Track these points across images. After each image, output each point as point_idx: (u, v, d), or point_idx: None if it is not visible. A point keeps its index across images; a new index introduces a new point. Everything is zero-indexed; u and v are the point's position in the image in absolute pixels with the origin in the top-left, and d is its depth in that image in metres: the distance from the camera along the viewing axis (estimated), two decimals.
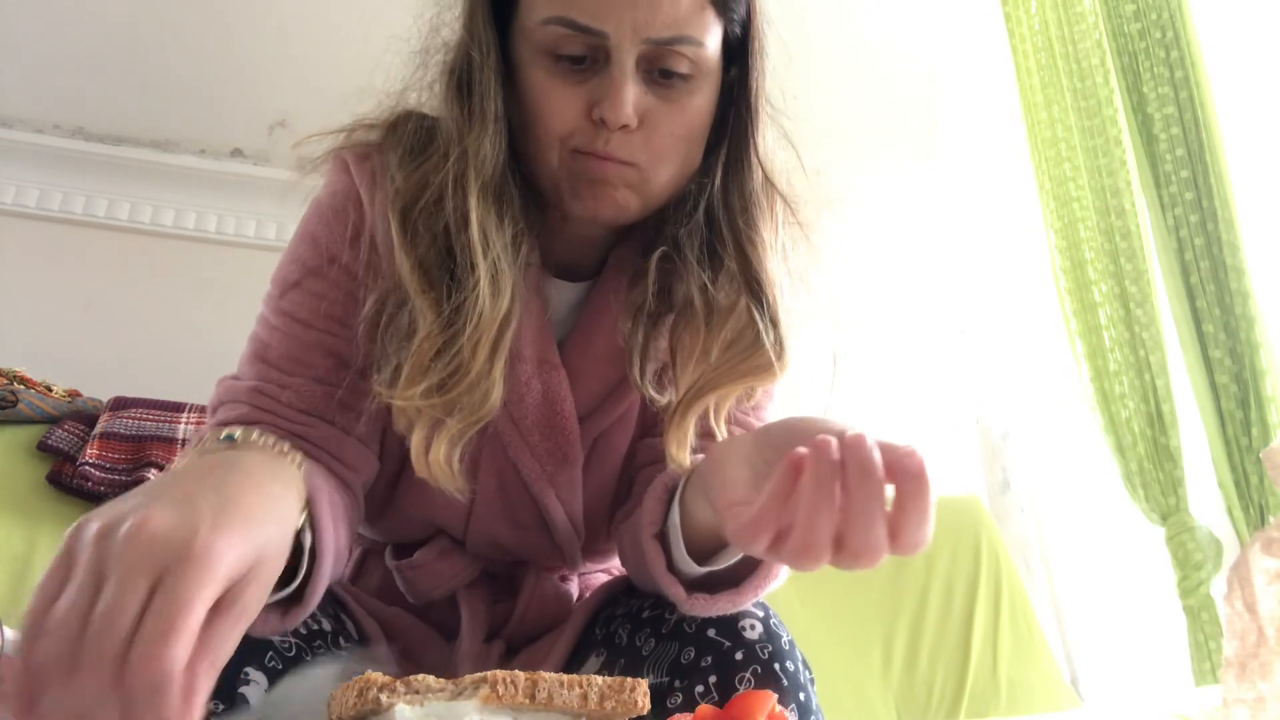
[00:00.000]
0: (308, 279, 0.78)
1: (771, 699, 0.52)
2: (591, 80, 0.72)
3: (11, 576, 1.42)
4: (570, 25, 0.69)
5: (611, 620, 0.81)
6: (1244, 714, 0.50)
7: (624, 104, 0.70)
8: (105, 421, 1.60)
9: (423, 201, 0.74)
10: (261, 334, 0.78)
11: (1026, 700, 1.76)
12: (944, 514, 2.34)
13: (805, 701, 0.70)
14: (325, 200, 0.80)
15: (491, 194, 0.74)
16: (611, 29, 0.69)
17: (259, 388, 0.75)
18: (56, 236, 2.04)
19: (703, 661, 0.70)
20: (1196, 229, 1.58)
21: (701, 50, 0.72)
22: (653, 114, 0.73)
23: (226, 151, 2.17)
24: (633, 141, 0.73)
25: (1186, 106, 1.61)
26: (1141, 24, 1.68)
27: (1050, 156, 1.86)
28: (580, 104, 0.72)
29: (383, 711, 0.44)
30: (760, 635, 0.71)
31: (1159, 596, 1.69)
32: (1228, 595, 0.53)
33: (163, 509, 0.47)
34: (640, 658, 0.74)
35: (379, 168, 0.78)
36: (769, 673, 0.68)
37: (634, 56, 0.70)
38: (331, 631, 0.74)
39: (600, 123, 0.71)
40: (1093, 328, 1.76)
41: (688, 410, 0.75)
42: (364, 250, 0.77)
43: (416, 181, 0.75)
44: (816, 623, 1.80)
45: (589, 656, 0.80)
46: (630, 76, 0.70)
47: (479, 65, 0.74)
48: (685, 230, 0.79)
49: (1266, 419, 1.51)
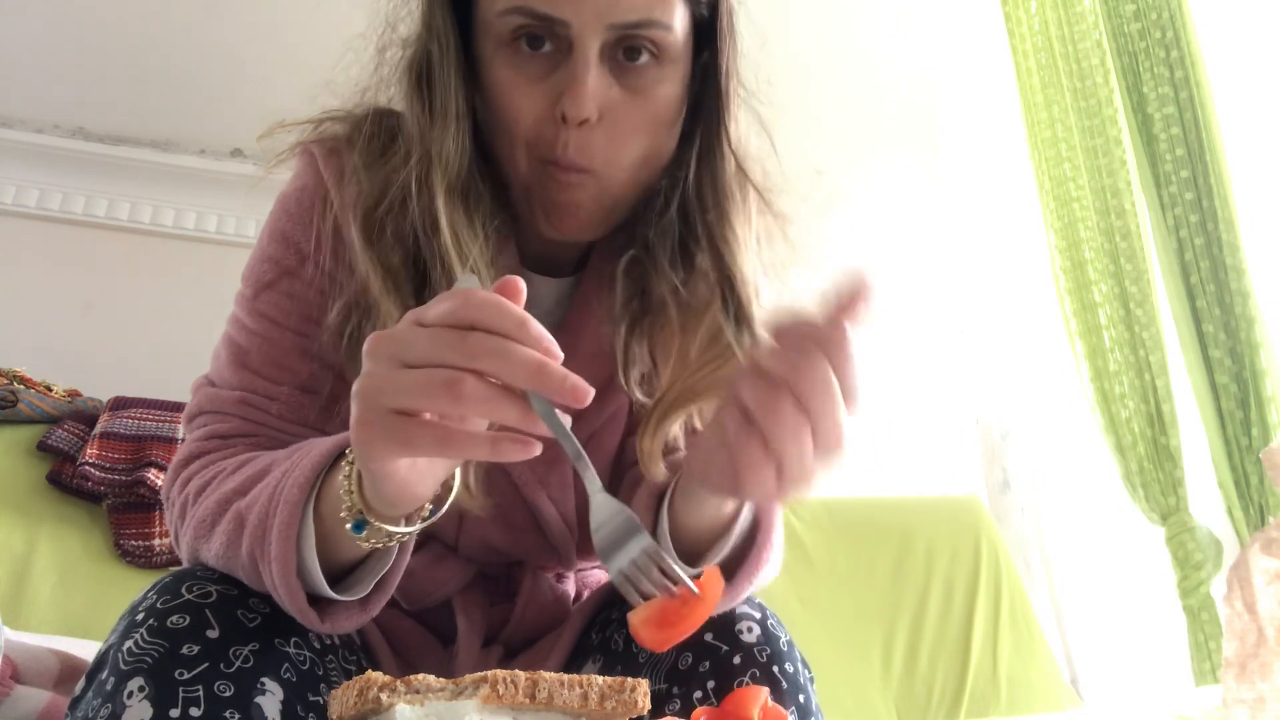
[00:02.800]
0: (282, 279, 0.76)
1: (763, 694, 0.53)
2: (555, 73, 0.69)
3: (11, 576, 1.42)
4: (530, 14, 0.67)
5: (608, 625, 0.79)
6: (1244, 714, 0.50)
7: (585, 98, 0.67)
8: (105, 421, 1.60)
9: (386, 204, 0.72)
10: (238, 338, 0.77)
11: (1026, 700, 1.76)
12: (944, 514, 2.34)
13: (805, 703, 0.69)
14: (293, 196, 0.78)
15: (459, 194, 0.72)
16: (573, 15, 0.66)
17: (246, 399, 0.74)
18: (56, 236, 2.04)
19: (700, 667, 0.69)
20: (1196, 229, 1.58)
21: (668, 34, 0.69)
22: (617, 107, 0.70)
23: (226, 151, 2.17)
24: (593, 139, 0.70)
25: (1186, 106, 1.61)
26: (1141, 24, 1.68)
27: (1050, 156, 1.86)
28: (544, 102, 0.70)
29: (383, 711, 0.44)
30: (758, 638, 0.70)
31: (1159, 596, 1.69)
32: (1228, 595, 0.53)
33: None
34: (638, 664, 0.73)
35: (347, 163, 0.76)
36: (767, 675, 0.68)
37: (598, 44, 0.68)
38: (340, 645, 0.74)
39: (563, 119, 0.69)
40: (1093, 328, 1.76)
41: (666, 415, 0.74)
42: (335, 246, 0.75)
43: (380, 183, 0.73)
44: (816, 623, 1.80)
45: (586, 662, 0.79)
46: (593, 66, 0.68)
47: (439, 60, 0.72)
48: (658, 229, 0.77)
49: (1266, 419, 1.51)
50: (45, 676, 0.93)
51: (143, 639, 0.59)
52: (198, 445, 0.72)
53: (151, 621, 0.60)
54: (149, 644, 0.59)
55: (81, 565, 1.49)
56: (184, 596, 0.62)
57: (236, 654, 0.60)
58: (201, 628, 0.60)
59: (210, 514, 0.65)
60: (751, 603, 0.73)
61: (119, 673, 0.58)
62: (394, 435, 0.50)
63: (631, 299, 0.78)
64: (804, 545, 1.92)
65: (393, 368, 0.50)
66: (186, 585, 0.63)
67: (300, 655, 0.65)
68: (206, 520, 0.66)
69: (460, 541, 0.83)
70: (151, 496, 1.54)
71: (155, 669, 0.57)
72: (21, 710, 0.86)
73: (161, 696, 0.56)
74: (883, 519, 2.02)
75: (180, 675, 0.57)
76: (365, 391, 0.51)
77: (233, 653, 0.60)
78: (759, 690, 0.53)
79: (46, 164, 2.06)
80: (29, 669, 0.92)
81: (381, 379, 0.50)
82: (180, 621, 0.60)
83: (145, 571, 1.52)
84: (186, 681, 0.57)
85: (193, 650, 0.59)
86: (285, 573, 0.60)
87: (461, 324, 0.49)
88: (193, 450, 0.72)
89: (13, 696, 0.86)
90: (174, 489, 0.71)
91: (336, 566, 0.64)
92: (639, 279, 0.78)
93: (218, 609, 0.62)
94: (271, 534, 0.60)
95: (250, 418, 0.73)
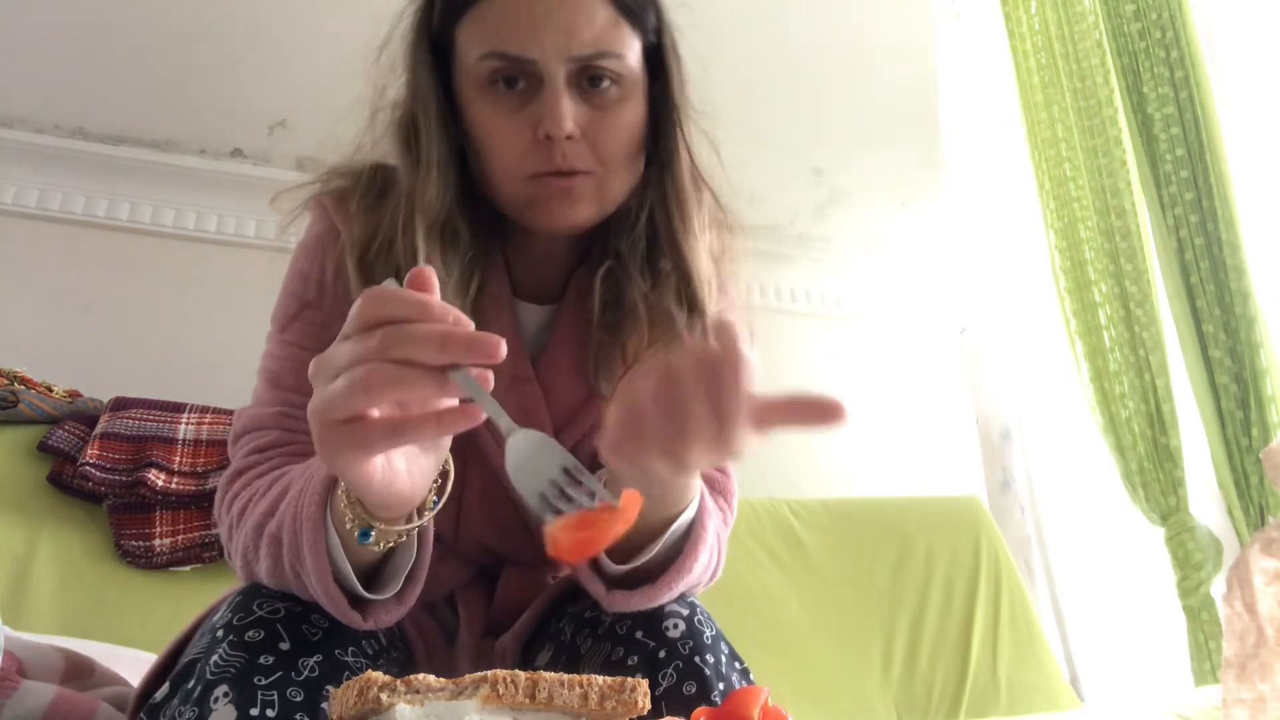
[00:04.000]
0: (305, 311, 0.85)
1: (763, 694, 0.54)
2: (530, 105, 0.80)
3: (11, 576, 1.42)
4: (502, 56, 0.79)
5: (562, 617, 0.86)
6: (1244, 714, 0.50)
7: (562, 117, 0.78)
8: (105, 422, 1.60)
9: (376, 245, 0.82)
10: (270, 366, 0.84)
11: (1026, 700, 1.77)
12: (944, 514, 2.34)
13: (728, 691, 0.73)
14: (310, 240, 0.88)
15: (439, 233, 0.82)
16: (538, 54, 0.78)
17: (282, 411, 0.80)
18: (56, 236, 2.04)
19: (629, 660, 0.75)
20: (1196, 229, 1.58)
21: (622, 61, 0.81)
22: (591, 124, 0.81)
23: (226, 151, 2.17)
24: (582, 150, 0.80)
25: (1186, 106, 1.61)
26: (1141, 24, 1.68)
27: (1050, 156, 1.86)
28: (526, 130, 0.80)
29: (383, 711, 0.44)
30: (682, 633, 0.75)
31: (1159, 596, 1.69)
32: (1227, 595, 0.53)
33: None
34: (579, 656, 0.80)
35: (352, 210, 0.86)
36: (690, 667, 0.73)
37: (563, 74, 0.79)
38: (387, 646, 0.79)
39: (547, 139, 0.79)
40: (1093, 328, 1.76)
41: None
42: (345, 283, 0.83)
43: (370, 227, 0.83)
44: (816, 623, 1.80)
45: (540, 650, 0.85)
46: (563, 92, 0.79)
47: (423, 117, 0.83)
48: (628, 241, 0.87)
49: (1266, 419, 1.51)
50: (51, 672, 0.93)
51: (225, 653, 0.66)
52: (241, 462, 0.78)
53: (232, 637, 0.68)
54: (231, 656, 0.66)
55: (82, 565, 1.49)
56: (256, 613, 0.70)
57: (304, 664, 0.68)
58: (275, 641, 0.68)
59: (250, 540, 0.72)
60: (683, 601, 0.79)
61: (205, 682, 0.65)
62: (349, 442, 0.54)
63: (606, 307, 0.87)
64: (804, 545, 1.92)
65: (328, 383, 0.54)
66: (257, 603, 0.71)
67: (358, 663, 0.72)
68: (250, 546, 0.72)
69: (458, 539, 0.89)
70: (151, 497, 1.54)
71: (237, 678, 0.65)
72: (30, 704, 0.86)
73: (243, 700, 0.64)
74: (883, 519, 2.02)
75: (259, 682, 0.65)
76: (313, 413, 0.55)
77: (301, 663, 0.68)
78: (758, 691, 0.53)
79: (46, 164, 2.06)
80: (34, 665, 0.92)
81: (321, 397, 0.54)
82: (256, 636, 0.68)
83: (145, 572, 1.52)
84: (264, 687, 0.65)
85: (268, 661, 0.67)
86: (325, 582, 0.66)
87: (369, 323, 0.53)
88: (237, 467, 0.78)
89: (21, 691, 0.86)
90: (221, 508, 0.78)
91: (367, 566, 0.70)
92: (614, 287, 0.88)
93: (287, 624, 0.70)
94: (304, 550, 0.66)
95: (287, 427, 0.79)
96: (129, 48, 1.99)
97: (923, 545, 1.96)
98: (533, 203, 0.82)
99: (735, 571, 1.24)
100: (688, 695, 0.71)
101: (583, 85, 0.81)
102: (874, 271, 2.76)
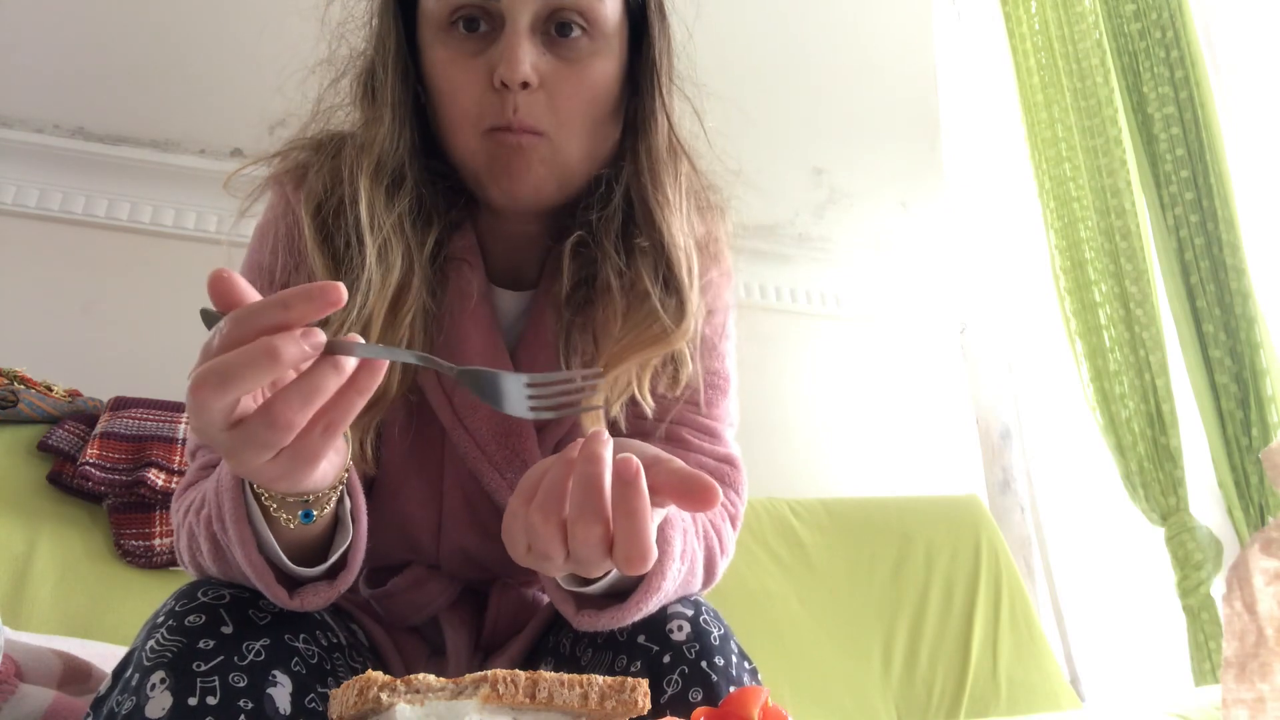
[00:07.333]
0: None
1: (763, 694, 0.53)
2: (490, 49, 0.73)
3: (11, 576, 1.42)
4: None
5: (560, 630, 0.82)
6: (1244, 714, 0.50)
7: (519, 61, 0.71)
8: (105, 421, 1.60)
9: (332, 198, 0.77)
10: None
11: (1026, 700, 1.76)
12: (944, 514, 2.34)
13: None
14: (267, 225, 0.84)
15: (386, 177, 0.76)
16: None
17: None
18: (56, 236, 2.04)
19: (633, 667, 0.70)
20: (1196, 229, 1.58)
21: (596, 9, 0.74)
22: (554, 76, 0.74)
23: (226, 151, 2.17)
24: (538, 104, 0.74)
25: (1186, 106, 1.61)
26: (1141, 24, 1.68)
27: (1050, 156, 1.86)
28: (482, 75, 0.73)
29: (383, 711, 0.44)
30: (688, 635, 0.71)
31: (1159, 596, 1.69)
32: (1227, 595, 0.53)
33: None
34: (580, 668, 0.75)
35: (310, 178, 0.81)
36: (696, 671, 0.68)
37: (528, 17, 0.72)
38: (347, 645, 0.76)
39: (503, 87, 0.72)
40: (1093, 328, 1.76)
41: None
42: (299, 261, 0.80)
43: (326, 180, 0.78)
44: (816, 623, 1.80)
45: (540, 665, 0.81)
46: (524, 35, 0.72)
47: (381, 62, 0.78)
48: (603, 215, 0.81)
49: (1266, 419, 1.51)
50: (49, 676, 0.93)
51: (163, 637, 0.63)
52: (193, 475, 0.76)
53: (171, 622, 0.64)
54: (168, 641, 0.63)
55: (82, 565, 1.49)
56: (200, 599, 0.67)
57: (249, 648, 0.64)
58: (216, 625, 0.64)
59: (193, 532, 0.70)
60: (686, 601, 0.75)
61: (142, 669, 0.62)
62: (247, 443, 0.51)
63: (578, 286, 0.82)
64: (804, 545, 1.92)
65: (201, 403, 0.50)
66: (202, 590, 0.68)
67: (309, 650, 0.69)
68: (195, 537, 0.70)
69: (441, 552, 0.85)
70: (152, 497, 1.54)
71: (174, 663, 0.62)
72: (28, 708, 0.86)
73: (181, 687, 0.60)
74: (883, 519, 2.02)
75: (198, 667, 0.62)
76: (198, 432, 0.52)
77: (245, 647, 0.64)
78: (758, 691, 0.53)
79: (46, 164, 2.06)
80: (32, 668, 0.92)
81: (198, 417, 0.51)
82: (197, 620, 0.64)
83: (145, 572, 1.52)
84: (204, 673, 0.62)
85: (208, 645, 0.63)
86: (247, 551, 0.64)
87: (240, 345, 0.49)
88: (189, 479, 0.76)
89: (18, 694, 0.86)
90: (175, 516, 0.76)
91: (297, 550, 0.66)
92: (586, 264, 0.82)
93: (231, 609, 0.66)
94: (227, 521, 0.64)
95: None
96: (129, 48, 1.99)
97: (923, 545, 1.96)
98: (490, 164, 0.76)
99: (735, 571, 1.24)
100: (694, 702, 0.67)
101: (550, 33, 0.74)
102: (874, 271, 2.76)
